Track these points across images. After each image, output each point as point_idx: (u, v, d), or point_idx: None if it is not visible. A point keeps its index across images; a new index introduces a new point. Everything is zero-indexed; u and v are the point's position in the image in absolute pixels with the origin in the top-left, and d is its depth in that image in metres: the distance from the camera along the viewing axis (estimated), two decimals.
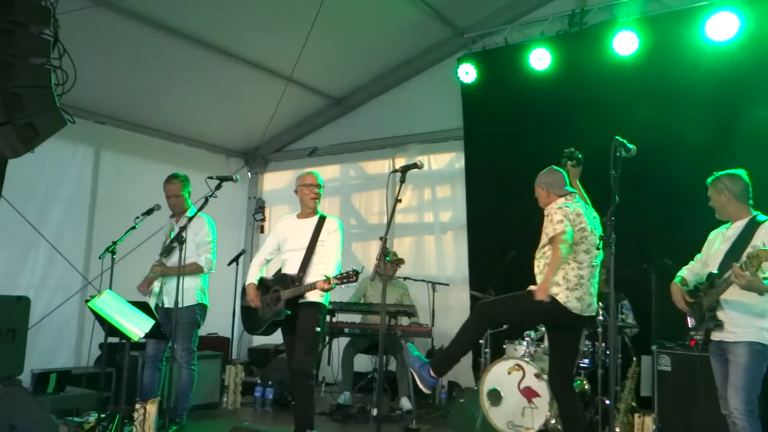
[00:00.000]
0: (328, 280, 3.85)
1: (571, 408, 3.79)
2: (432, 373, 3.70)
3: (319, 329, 4.05)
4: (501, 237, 6.21)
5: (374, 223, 7.76)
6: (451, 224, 7.18)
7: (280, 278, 4.18)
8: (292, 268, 4.15)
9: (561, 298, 3.59)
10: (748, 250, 3.18)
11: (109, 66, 6.11)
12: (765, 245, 3.06)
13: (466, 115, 6.92)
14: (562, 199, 3.76)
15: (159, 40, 6.04)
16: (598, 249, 3.60)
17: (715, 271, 3.44)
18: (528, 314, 3.87)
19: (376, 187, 7.76)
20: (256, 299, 4.19)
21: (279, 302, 4.08)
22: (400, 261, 6.42)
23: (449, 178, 7.26)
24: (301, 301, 4.06)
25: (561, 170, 3.91)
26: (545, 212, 3.80)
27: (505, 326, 5.13)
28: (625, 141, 3.14)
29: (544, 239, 3.72)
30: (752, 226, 3.43)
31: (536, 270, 3.79)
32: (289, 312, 4.03)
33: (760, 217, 3.48)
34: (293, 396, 4.30)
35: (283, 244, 4.31)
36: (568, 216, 3.62)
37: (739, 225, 3.50)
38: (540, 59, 6.18)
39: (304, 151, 8.44)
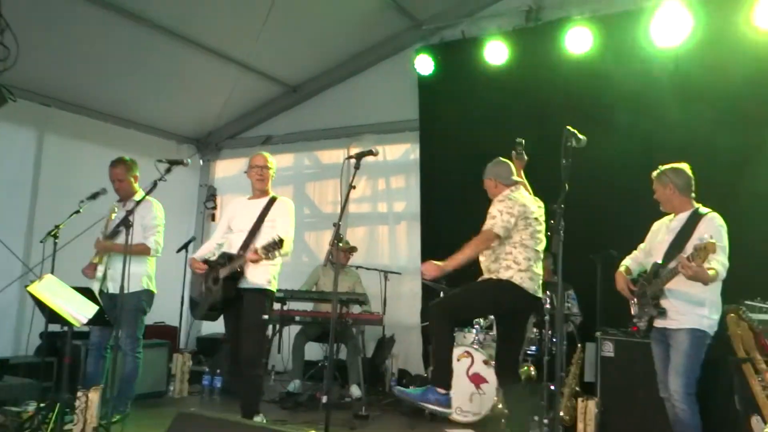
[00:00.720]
0: (255, 251, 3.73)
1: (516, 394, 3.87)
2: (441, 391, 3.64)
3: (266, 317, 3.95)
4: (453, 228, 6.22)
5: (328, 212, 7.72)
6: (404, 214, 7.21)
7: (220, 258, 4.03)
8: (235, 248, 4.03)
9: (516, 279, 3.67)
10: (695, 242, 3.29)
11: (55, 45, 5.89)
12: (712, 237, 3.18)
13: (422, 106, 6.95)
14: (508, 190, 3.83)
15: (110, 20, 5.83)
16: (540, 238, 3.74)
17: (660, 261, 3.57)
18: (487, 303, 3.88)
19: (330, 177, 7.73)
20: (200, 266, 4.08)
21: (218, 282, 3.93)
22: (353, 249, 6.42)
23: (404, 168, 7.29)
24: (246, 286, 3.94)
25: (507, 161, 3.99)
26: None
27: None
28: (575, 131, 3.19)
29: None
30: (695, 218, 3.56)
31: (482, 259, 3.85)
32: (232, 296, 3.90)
33: (702, 209, 3.61)
34: (240, 384, 4.19)
35: (231, 224, 4.21)
36: (510, 210, 3.70)
37: (682, 217, 3.63)
38: (496, 53, 6.25)
39: (258, 138, 8.32)
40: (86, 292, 3.97)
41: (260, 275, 3.93)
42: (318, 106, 7.94)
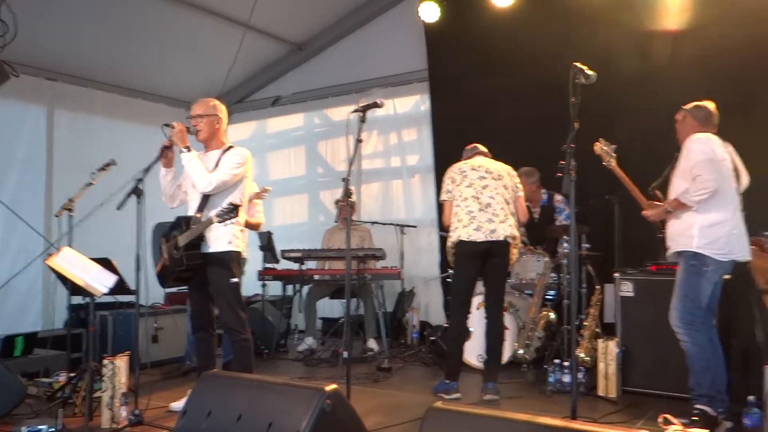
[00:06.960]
0: (209, 220, 3.54)
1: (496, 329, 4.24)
2: (446, 381, 4.17)
3: (235, 279, 3.73)
4: None
5: (341, 170, 7.66)
6: (418, 167, 7.15)
7: (176, 222, 3.79)
8: (192, 210, 3.80)
9: (463, 236, 4.13)
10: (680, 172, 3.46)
11: (57, 18, 5.82)
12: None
13: (429, 55, 6.81)
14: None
15: None
16: (485, 185, 4.18)
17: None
18: (457, 271, 4.26)
19: (341, 134, 7.64)
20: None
21: (179, 249, 3.70)
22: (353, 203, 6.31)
23: (415, 121, 7.18)
24: (208, 251, 3.72)
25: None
26: None
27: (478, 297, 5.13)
28: (584, 68, 3.07)
29: None
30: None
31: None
32: (197, 263, 3.70)
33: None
34: (203, 348, 3.96)
35: (183, 182, 3.92)
36: (446, 177, 4.36)
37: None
38: None
39: (267, 100, 8.25)
40: (104, 263, 4.02)
41: (221, 237, 3.71)
42: (325, 63, 7.82)
